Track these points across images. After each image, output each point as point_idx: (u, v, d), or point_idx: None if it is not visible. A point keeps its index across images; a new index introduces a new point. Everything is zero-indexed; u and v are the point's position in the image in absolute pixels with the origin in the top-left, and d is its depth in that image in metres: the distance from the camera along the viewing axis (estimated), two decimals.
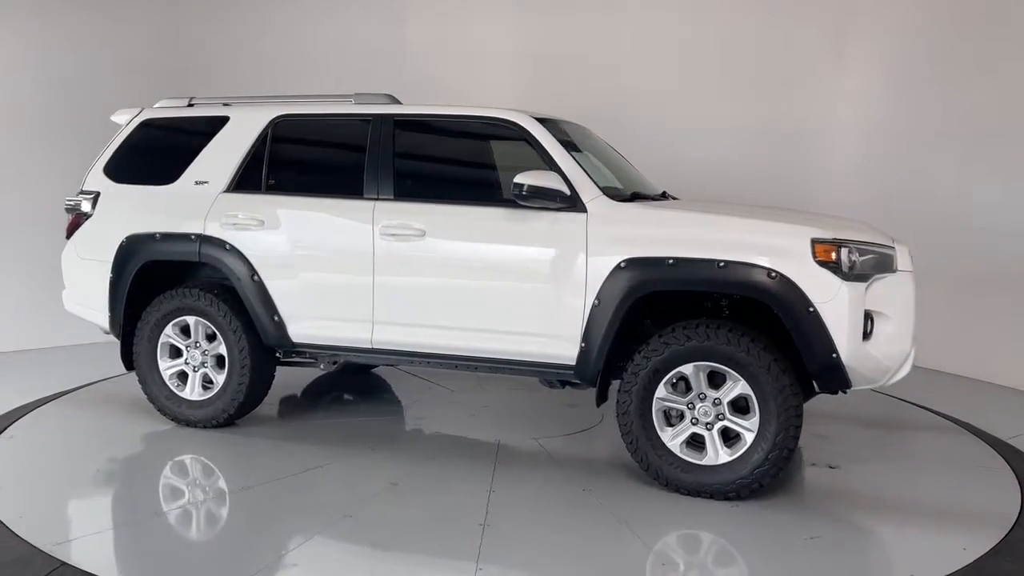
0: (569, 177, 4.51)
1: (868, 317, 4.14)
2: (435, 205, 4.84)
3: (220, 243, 5.09)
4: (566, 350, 4.52)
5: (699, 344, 4.22)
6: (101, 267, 5.38)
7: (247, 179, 5.19)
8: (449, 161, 5.37)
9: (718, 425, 4.29)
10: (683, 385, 4.35)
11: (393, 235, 4.77)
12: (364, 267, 4.84)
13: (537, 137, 4.67)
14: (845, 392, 4.34)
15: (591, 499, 4.34)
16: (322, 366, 5.41)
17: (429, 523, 4.01)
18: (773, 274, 4.09)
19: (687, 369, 4.28)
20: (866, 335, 4.13)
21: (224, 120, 5.35)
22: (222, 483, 4.62)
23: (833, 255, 4.09)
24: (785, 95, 7.88)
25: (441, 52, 8.42)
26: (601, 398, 4.56)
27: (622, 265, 4.32)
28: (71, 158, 5.66)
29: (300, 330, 5.04)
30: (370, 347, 4.94)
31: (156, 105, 5.64)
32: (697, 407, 4.31)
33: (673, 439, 4.36)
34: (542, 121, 4.81)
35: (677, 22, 8.07)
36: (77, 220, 5.52)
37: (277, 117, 5.22)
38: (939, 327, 6.12)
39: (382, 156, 4.92)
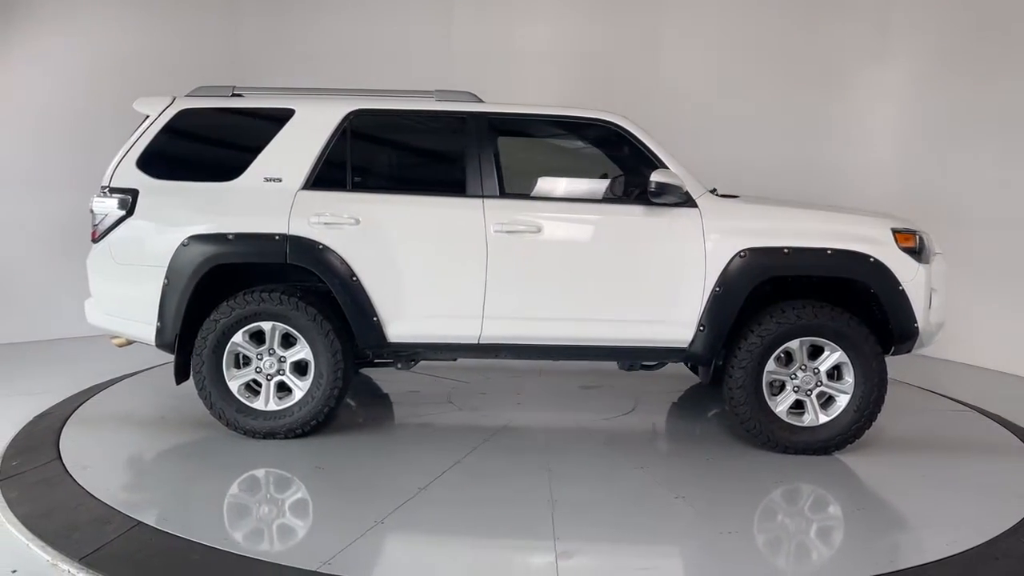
0: (679, 176, 4.93)
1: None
2: (546, 202, 5.02)
3: (311, 244, 4.85)
4: (681, 334, 4.95)
5: (808, 322, 4.87)
6: (148, 272, 4.88)
7: (327, 176, 4.98)
8: (550, 160, 5.52)
9: (816, 391, 4.98)
10: (785, 358, 4.98)
11: (509, 232, 4.88)
12: (476, 264, 4.89)
13: (641, 139, 5.03)
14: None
15: (723, 465, 4.85)
16: (399, 366, 5.34)
17: (632, 502, 4.27)
18: (872, 259, 4.84)
19: (793, 344, 4.91)
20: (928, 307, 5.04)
21: (289, 112, 5.06)
22: (399, 481, 4.36)
23: (910, 242, 4.93)
24: (823, 92, 8.36)
25: (484, 51, 8.37)
26: (707, 377, 5.09)
27: (742, 254, 4.84)
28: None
29: (400, 330, 4.96)
30: (477, 342, 5.00)
31: (188, 94, 5.16)
32: (800, 377, 4.97)
33: (779, 406, 4.98)
34: None
35: (717, 20, 8.44)
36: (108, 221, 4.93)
37: (355, 111, 5.05)
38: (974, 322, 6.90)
39: (484, 155, 4.98)
